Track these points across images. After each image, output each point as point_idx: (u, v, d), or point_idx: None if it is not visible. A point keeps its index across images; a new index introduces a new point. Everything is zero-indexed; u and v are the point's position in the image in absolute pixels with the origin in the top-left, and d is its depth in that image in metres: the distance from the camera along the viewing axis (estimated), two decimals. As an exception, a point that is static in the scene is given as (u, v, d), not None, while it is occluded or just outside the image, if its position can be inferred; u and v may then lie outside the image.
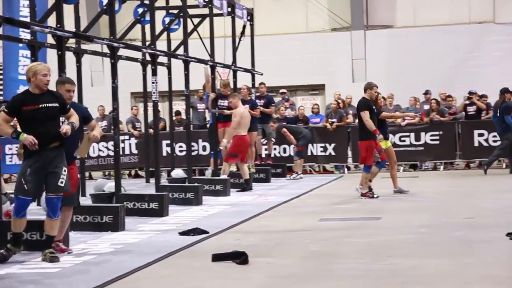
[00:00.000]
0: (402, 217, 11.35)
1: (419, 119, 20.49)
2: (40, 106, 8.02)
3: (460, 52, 25.45)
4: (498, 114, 18.37)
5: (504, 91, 18.61)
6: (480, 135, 20.14)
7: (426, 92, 21.61)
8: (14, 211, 8.22)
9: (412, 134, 20.46)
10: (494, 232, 9.25)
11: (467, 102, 20.73)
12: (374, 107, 13.98)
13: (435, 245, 8.65)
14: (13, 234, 8.25)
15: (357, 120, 20.97)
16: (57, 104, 8.13)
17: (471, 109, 20.60)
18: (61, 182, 8.09)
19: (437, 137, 20.36)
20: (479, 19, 25.78)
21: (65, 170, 8.13)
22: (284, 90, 22.77)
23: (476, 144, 20.17)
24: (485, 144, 20.07)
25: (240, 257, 7.84)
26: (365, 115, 13.73)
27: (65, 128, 8.04)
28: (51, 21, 11.05)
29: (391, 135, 17.58)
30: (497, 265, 7.40)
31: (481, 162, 20.85)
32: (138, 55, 16.73)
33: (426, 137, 20.39)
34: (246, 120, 15.95)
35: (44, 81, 8.05)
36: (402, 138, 20.48)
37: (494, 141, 19.94)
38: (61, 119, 8.28)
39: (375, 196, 13.89)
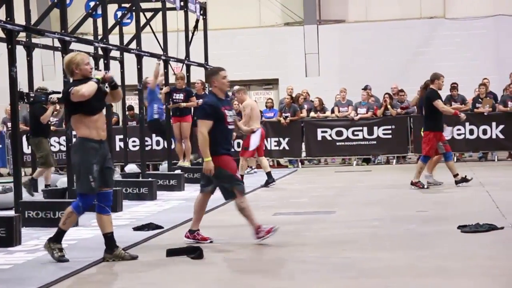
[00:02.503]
0: (356, 211, 11.43)
1: (371, 114, 20.62)
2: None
3: (411, 47, 25.69)
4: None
5: None
6: (432, 129, 20.32)
7: (366, 88, 21.70)
8: (80, 209, 7.86)
9: (365, 128, 20.60)
10: (446, 225, 9.36)
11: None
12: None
13: (388, 239, 8.72)
14: (61, 231, 7.93)
15: (312, 114, 21.27)
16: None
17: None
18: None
19: (390, 131, 20.53)
20: (430, 14, 26.05)
21: None
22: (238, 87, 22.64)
23: (427, 138, 20.36)
24: (436, 138, 20.26)
25: (195, 252, 7.83)
26: (439, 103, 13.76)
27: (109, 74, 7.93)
28: (1, 14, 10.87)
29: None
30: (449, 257, 7.49)
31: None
32: (90, 49, 16.53)
33: (378, 131, 20.55)
34: (256, 111, 15.65)
35: (88, 69, 7.90)
36: (355, 132, 20.61)
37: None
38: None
39: (425, 187, 13.87)
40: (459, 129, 20.10)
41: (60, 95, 14.94)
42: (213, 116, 8.52)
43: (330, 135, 20.68)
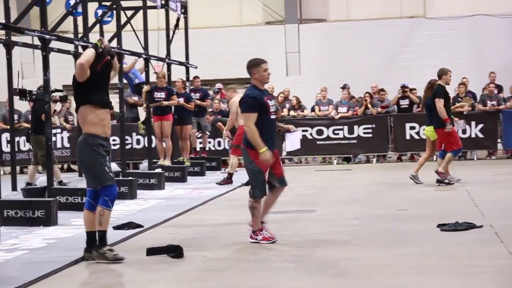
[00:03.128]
0: (336, 209, 11.45)
1: (352, 113, 20.66)
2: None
3: (392, 46, 25.77)
4: None
5: None
6: (412, 128, 20.44)
7: (344, 87, 21.75)
8: (108, 203, 7.69)
9: (346, 127, 20.66)
10: (425, 224, 9.40)
11: (400, 95, 20.99)
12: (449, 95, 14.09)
13: (368, 237, 8.74)
14: (102, 233, 7.74)
15: (292, 112, 21.29)
16: None
17: (404, 103, 20.90)
18: None
19: (370, 130, 20.59)
20: (410, 14, 26.14)
21: None
22: (220, 85, 22.65)
23: (407, 137, 20.47)
24: (416, 137, 20.38)
25: (175, 251, 7.82)
26: (440, 102, 13.78)
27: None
28: (-20, 12, 10.81)
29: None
30: (428, 256, 7.52)
31: (412, 154, 21.21)
32: (70, 47, 16.49)
33: (359, 130, 20.61)
34: None
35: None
36: (336, 131, 20.66)
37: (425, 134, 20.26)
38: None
39: (446, 181, 13.96)
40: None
41: (62, 93, 14.88)
42: (257, 108, 8.42)
43: (311, 134, 20.71)
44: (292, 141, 10.85)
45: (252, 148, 8.41)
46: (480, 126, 20.01)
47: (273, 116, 8.63)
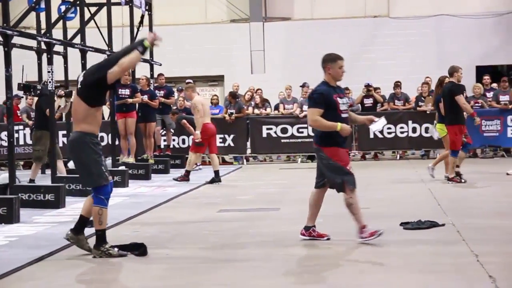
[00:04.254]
0: (300, 208, 11.41)
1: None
2: None
3: (356, 46, 25.89)
4: None
5: None
6: (376, 127, 20.50)
7: (304, 85, 21.81)
8: (104, 201, 7.70)
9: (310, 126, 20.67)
10: (388, 222, 9.44)
11: (365, 94, 21.11)
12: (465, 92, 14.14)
13: (332, 235, 8.76)
14: (102, 232, 7.72)
15: (256, 111, 21.30)
16: None
17: (368, 102, 21.02)
18: None
19: (334, 129, 20.61)
20: (374, 13, 26.30)
21: None
22: (190, 81, 22.48)
23: (371, 136, 20.58)
24: (380, 136, 20.51)
25: (138, 249, 7.79)
26: (461, 98, 13.80)
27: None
28: None
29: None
30: (392, 254, 7.57)
31: (376, 153, 21.34)
32: (33, 43, 16.34)
33: (323, 129, 20.62)
34: (206, 107, 15.58)
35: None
36: (300, 130, 20.71)
37: (389, 133, 20.42)
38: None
39: (463, 181, 13.89)
40: (402, 127, 20.39)
41: (67, 90, 14.65)
42: (323, 104, 8.18)
43: (275, 132, 20.75)
44: (378, 127, 10.51)
45: (326, 145, 8.14)
46: (443, 125, 20.15)
47: (344, 115, 8.32)
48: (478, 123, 14.23)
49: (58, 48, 15.48)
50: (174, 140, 20.69)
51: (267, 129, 20.77)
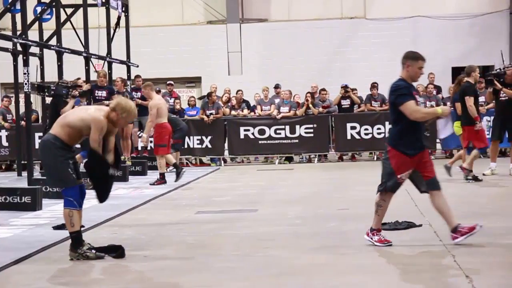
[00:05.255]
0: (278, 209, 11.48)
1: (294, 113, 20.76)
2: None
3: (332, 46, 26.00)
4: None
5: None
6: (353, 128, 20.62)
7: (277, 86, 21.89)
8: (75, 203, 7.68)
9: (287, 127, 20.74)
10: (366, 223, 9.44)
11: (342, 95, 21.14)
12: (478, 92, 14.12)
13: (310, 237, 8.79)
14: (76, 234, 7.67)
15: (233, 112, 21.29)
16: None
17: (346, 103, 21.07)
18: None
19: (311, 130, 20.70)
20: (351, 15, 26.40)
21: None
22: (171, 82, 22.35)
23: (348, 137, 20.64)
24: (357, 137, 20.58)
25: (116, 251, 7.75)
26: (470, 100, 13.81)
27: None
28: None
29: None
30: (369, 254, 7.60)
31: (353, 154, 21.41)
32: (8, 44, 16.24)
33: (300, 130, 20.71)
34: (163, 107, 15.41)
35: None
36: (278, 131, 20.73)
37: (366, 134, 20.49)
38: None
39: (469, 177, 13.96)
40: (379, 128, 20.47)
41: (82, 89, 14.46)
42: (412, 96, 7.92)
43: (253, 134, 20.75)
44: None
45: (393, 146, 7.90)
46: (420, 126, 20.24)
47: None
48: (478, 128, 14.07)
49: (34, 49, 15.42)
50: (151, 141, 20.61)
51: (245, 130, 20.77)
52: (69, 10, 17.30)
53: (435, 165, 8.20)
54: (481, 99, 20.26)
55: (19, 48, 15.24)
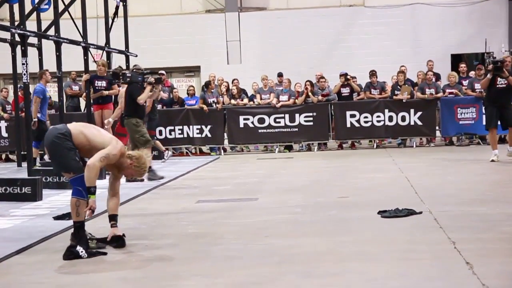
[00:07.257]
0: (278, 197, 11.49)
1: (293, 101, 20.75)
2: None
3: (331, 35, 25.97)
4: None
5: None
6: (352, 116, 20.60)
7: (280, 75, 21.87)
8: (83, 192, 7.64)
9: (287, 116, 20.73)
10: (366, 211, 9.50)
11: (342, 83, 21.11)
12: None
13: (310, 225, 8.80)
14: (80, 223, 7.62)
15: (233, 101, 21.26)
16: None
17: (345, 91, 21.04)
18: None
19: (311, 118, 20.70)
20: (349, 2, 26.36)
21: None
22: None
23: (348, 125, 20.63)
24: (357, 125, 20.56)
25: (117, 241, 7.76)
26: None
27: None
28: None
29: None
30: (369, 242, 7.61)
31: (353, 142, 21.41)
32: (6, 35, 16.21)
33: (300, 118, 20.70)
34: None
35: None
36: (277, 120, 20.72)
37: (365, 122, 20.48)
38: None
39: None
40: (378, 116, 20.45)
41: (157, 76, 14.13)
42: None
43: (252, 122, 20.73)
44: None
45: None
46: (419, 113, 20.27)
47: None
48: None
49: (33, 40, 15.39)
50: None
51: (244, 119, 20.76)
52: (67, 0, 17.27)
53: (436, 153, 8.19)
54: (477, 86, 20.29)
55: (17, 38, 15.22)
